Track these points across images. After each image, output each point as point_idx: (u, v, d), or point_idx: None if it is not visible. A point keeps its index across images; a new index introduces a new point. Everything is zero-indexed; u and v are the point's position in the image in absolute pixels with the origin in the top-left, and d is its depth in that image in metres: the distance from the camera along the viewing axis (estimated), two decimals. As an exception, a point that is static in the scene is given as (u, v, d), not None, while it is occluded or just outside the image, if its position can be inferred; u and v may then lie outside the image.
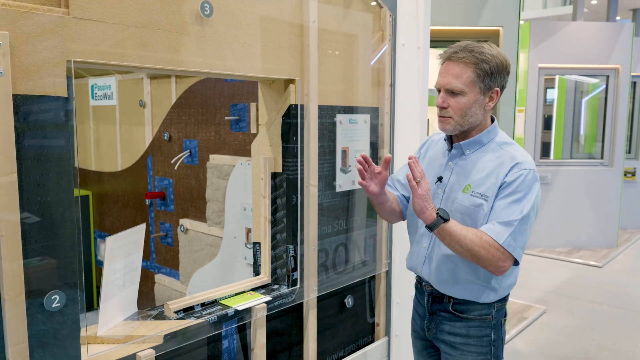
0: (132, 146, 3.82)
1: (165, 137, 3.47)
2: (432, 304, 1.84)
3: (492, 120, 1.76)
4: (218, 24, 1.75)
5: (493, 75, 1.63)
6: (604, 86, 6.44)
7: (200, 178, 3.29)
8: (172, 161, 3.39)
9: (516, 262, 1.64)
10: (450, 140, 1.77)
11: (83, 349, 1.51)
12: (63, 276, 1.43)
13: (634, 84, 7.29)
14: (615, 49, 6.18)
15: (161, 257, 3.66)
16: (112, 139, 3.99)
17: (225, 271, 3.06)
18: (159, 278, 3.63)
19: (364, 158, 1.69)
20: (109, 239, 1.65)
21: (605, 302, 4.72)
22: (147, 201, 3.68)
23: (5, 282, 1.31)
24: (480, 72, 1.61)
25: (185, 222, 3.36)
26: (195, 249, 3.32)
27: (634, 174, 7.34)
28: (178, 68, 1.65)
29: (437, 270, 1.78)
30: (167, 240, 3.59)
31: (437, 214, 1.60)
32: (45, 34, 1.36)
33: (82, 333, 1.51)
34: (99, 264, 4.11)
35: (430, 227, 1.61)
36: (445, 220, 1.59)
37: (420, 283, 1.90)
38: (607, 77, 6.36)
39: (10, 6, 1.30)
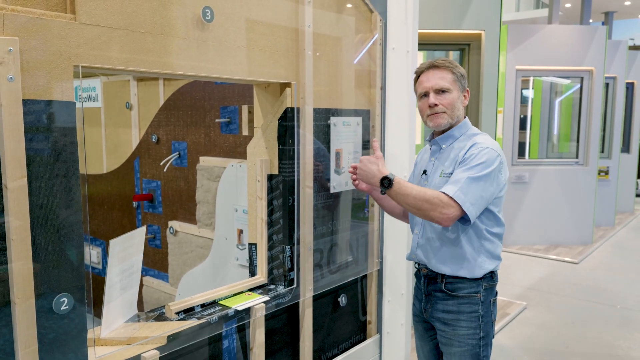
0: (118, 148, 3.81)
1: (153, 140, 3.47)
2: (428, 286, 2.09)
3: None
4: (218, 29, 1.78)
5: (464, 78, 2.03)
6: (579, 86, 6.62)
7: (189, 180, 3.30)
8: (161, 163, 3.39)
9: (467, 218, 1.86)
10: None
11: (90, 350, 1.52)
12: (70, 279, 1.44)
13: (607, 85, 7.50)
14: (590, 51, 6.36)
15: (149, 259, 3.65)
16: (97, 141, 3.97)
17: (217, 272, 3.08)
18: (147, 280, 3.63)
19: (375, 144, 2.09)
20: (112, 242, 1.67)
21: (583, 297, 4.86)
22: (135, 203, 3.67)
23: (15, 285, 1.32)
24: (457, 74, 2.00)
25: (174, 224, 3.36)
26: (185, 250, 3.32)
27: (607, 173, 7.56)
28: (180, 72, 1.68)
29: (428, 251, 2.05)
30: (155, 243, 3.59)
31: (382, 178, 1.90)
32: (53, 39, 1.37)
33: (89, 335, 1.53)
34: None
35: (381, 190, 1.92)
36: (390, 181, 1.88)
37: (419, 270, 2.14)
38: (582, 78, 6.54)
39: (20, 12, 1.31)
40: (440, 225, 1.96)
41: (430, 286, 2.06)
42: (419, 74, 2.05)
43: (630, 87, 8.36)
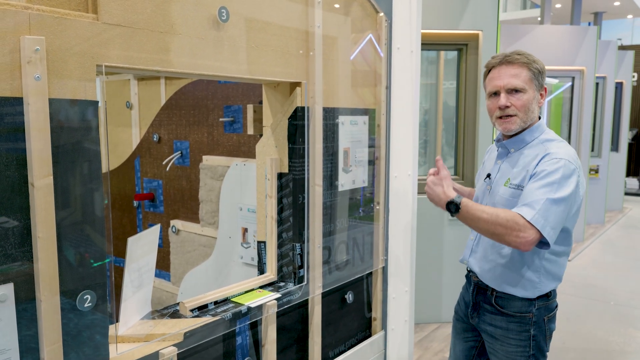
0: (118, 148, 3.80)
1: (155, 139, 3.47)
2: (477, 295, 1.97)
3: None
4: (233, 29, 1.80)
5: (542, 75, 1.81)
6: (568, 85, 6.70)
7: (192, 179, 3.31)
8: (164, 163, 3.39)
9: (545, 243, 1.69)
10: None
11: (112, 347, 1.54)
12: (93, 276, 1.46)
13: (597, 84, 7.60)
14: (581, 51, 6.46)
15: (150, 258, 3.65)
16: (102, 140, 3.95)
17: (220, 271, 3.09)
18: (149, 279, 3.63)
19: (438, 163, 1.87)
20: (130, 240, 1.68)
21: (577, 293, 4.94)
22: (135, 203, 3.67)
23: (41, 283, 1.33)
24: (535, 70, 1.79)
25: (176, 223, 3.37)
26: (188, 249, 3.33)
27: (597, 171, 7.67)
28: (196, 72, 1.69)
29: (481, 261, 1.92)
30: (156, 242, 3.59)
31: (448, 201, 1.76)
32: (77, 39, 1.38)
33: (110, 332, 1.54)
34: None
35: (451, 213, 1.76)
36: (457, 205, 1.72)
37: (469, 274, 2.04)
38: (573, 78, 6.63)
39: (45, 12, 1.32)
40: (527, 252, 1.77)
41: (479, 296, 1.95)
42: (489, 68, 1.86)
43: (619, 86, 8.49)
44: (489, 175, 1.96)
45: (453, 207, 1.74)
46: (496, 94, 1.82)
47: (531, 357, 1.89)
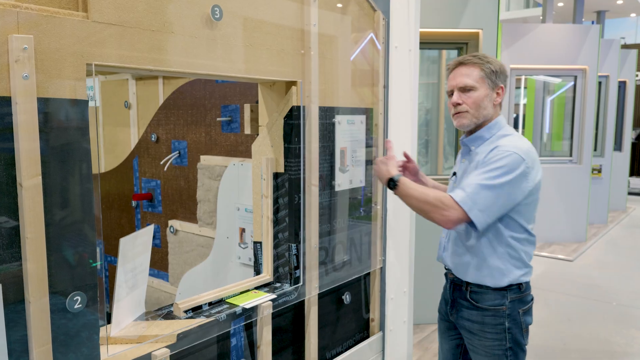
0: (116, 147, 3.79)
1: (153, 139, 3.46)
2: (453, 292, 2.06)
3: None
4: (227, 28, 1.78)
5: (497, 74, 1.91)
6: (572, 83, 6.66)
7: (190, 179, 3.30)
8: (161, 162, 3.38)
9: (473, 225, 1.81)
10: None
11: (103, 349, 1.52)
12: (84, 277, 1.44)
13: (600, 83, 7.56)
14: (583, 50, 6.42)
15: (149, 258, 3.64)
16: (94, 140, 3.94)
17: (218, 271, 3.08)
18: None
19: (388, 144, 2.14)
20: (122, 240, 1.67)
21: (578, 294, 4.91)
22: (134, 203, 3.66)
23: (30, 284, 1.32)
24: (487, 70, 1.89)
25: (174, 223, 3.35)
26: (186, 249, 3.32)
27: (600, 171, 7.63)
28: (189, 71, 1.68)
29: (452, 256, 2.01)
30: (154, 242, 3.58)
31: (389, 178, 1.95)
32: (66, 37, 1.37)
33: (102, 333, 1.53)
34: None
35: (390, 188, 1.97)
36: (395, 182, 1.92)
37: (447, 272, 2.13)
38: (575, 77, 6.59)
39: (34, 10, 1.31)
40: (451, 229, 1.93)
41: (456, 292, 2.03)
42: (449, 70, 1.98)
43: (622, 85, 8.44)
44: (454, 174, 2.05)
45: (392, 184, 1.93)
46: (452, 93, 1.95)
47: (508, 350, 1.94)
